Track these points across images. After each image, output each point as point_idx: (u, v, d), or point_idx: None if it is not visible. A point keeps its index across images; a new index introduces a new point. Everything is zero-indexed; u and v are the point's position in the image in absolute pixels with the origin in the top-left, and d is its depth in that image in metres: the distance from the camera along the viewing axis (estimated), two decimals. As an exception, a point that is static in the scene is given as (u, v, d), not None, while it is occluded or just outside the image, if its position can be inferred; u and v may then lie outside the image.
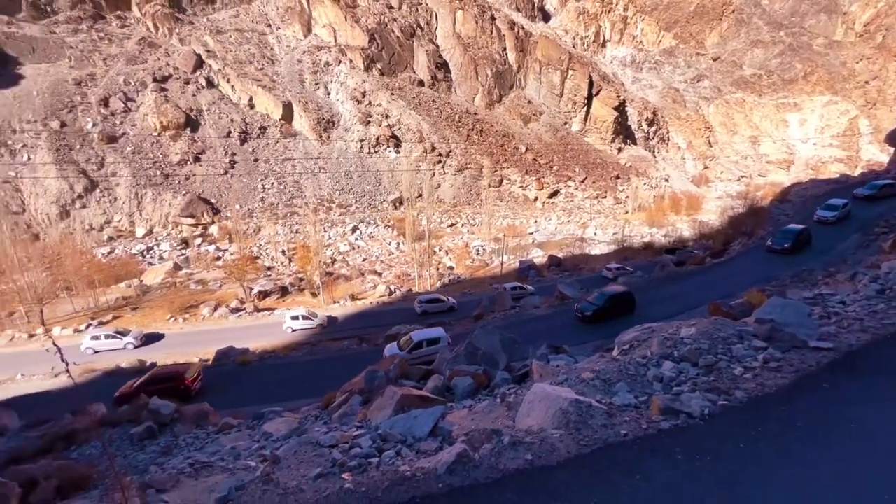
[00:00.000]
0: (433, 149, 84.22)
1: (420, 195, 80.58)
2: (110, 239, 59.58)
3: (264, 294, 38.67)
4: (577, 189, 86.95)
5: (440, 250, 55.98)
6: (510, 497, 3.06)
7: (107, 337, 28.84)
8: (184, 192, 66.64)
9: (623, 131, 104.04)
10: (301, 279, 41.33)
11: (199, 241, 61.07)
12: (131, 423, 11.57)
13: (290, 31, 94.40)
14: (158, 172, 67.04)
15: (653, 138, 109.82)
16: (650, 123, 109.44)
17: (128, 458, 9.70)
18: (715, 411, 4.49)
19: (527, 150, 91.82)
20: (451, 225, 72.84)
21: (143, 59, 77.86)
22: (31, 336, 30.32)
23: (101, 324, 32.46)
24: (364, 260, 58.45)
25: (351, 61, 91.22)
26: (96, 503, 5.48)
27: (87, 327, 31.62)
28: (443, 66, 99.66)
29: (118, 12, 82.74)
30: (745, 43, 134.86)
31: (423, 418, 5.03)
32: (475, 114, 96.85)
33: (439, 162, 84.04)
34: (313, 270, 38.67)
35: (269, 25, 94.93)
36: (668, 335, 7.15)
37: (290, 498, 3.62)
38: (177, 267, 46.72)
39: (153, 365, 24.28)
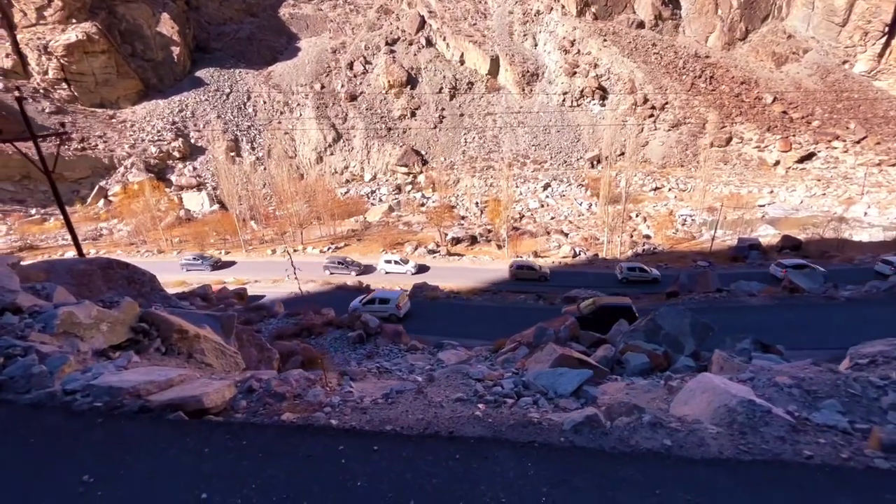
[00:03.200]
0: (645, 101, 74.82)
1: (622, 153, 73.73)
2: (347, 181, 73.28)
3: (456, 240, 42.50)
4: (846, 152, 65.79)
5: (637, 216, 50.76)
6: (632, 473, 2.86)
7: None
8: (401, 143, 76.24)
9: (949, 70, 72.35)
10: (489, 231, 43.77)
11: (409, 188, 69.88)
12: (349, 329, 14.97)
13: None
14: (383, 126, 78.00)
15: None
16: None
17: (343, 354, 12.68)
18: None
19: (774, 100, 73.13)
20: (656, 189, 64.85)
21: (379, 25, 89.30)
22: (294, 251, 41.20)
23: (337, 248, 41.84)
24: (552, 218, 57.70)
25: (563, 7, 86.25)
26: (314, 377, 7.45)
27: (328, 249, 41.42)
28: (671, 1, 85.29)
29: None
30: None
31: (568, 377, 4.98)
32: (706, 57, 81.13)
33: (651, 116, 74.43)
34: (501, 224, 40.39)
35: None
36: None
37: (432, 410, 4.21)
38: (390, 209, 55.11)
39: (367, 288, 30.02)
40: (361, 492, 2.91)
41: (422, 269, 37.05)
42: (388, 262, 37.15)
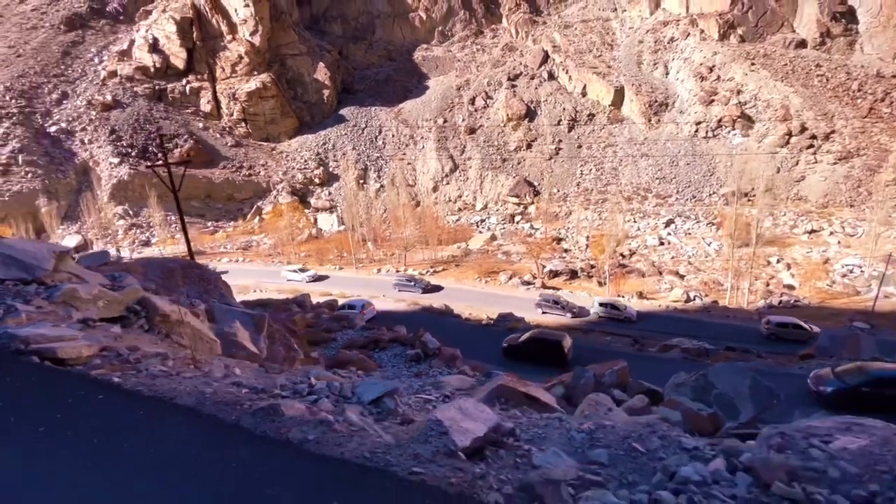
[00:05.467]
0: (803, 129, 64.51)
1: (769, 189, 63.94)
2: (459, 210, 76.20)
3: (554, 273, 41.04)
4: None
5: (779, 261, 43.07)
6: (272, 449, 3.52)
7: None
8: (514, 174, 77.08)
9: None
10: (592, 266, 41.29)
11: (518, 218, 69.92)
12: (410, 346, 15.63)
13: (636, 11, 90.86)
14: (498, 157, 79.90)
15: None
16: None
17: (396, 368, 13.30)
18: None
19: None
20: (812, 231, 54.73)
21: (503, 62, 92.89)
22: (397, 271, 44.20)
23: (435, 272, 43.88)
24: (673, 258, 52.26)
25: (702, 32, 79.99)
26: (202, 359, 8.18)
27: (427, 272, 43.75)
28: (844, 15, 73.24)
29: (493, 26, 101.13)
30: None
31: (375, 388, 4.99)
32: (893, 77, 67.26)
33: (810, 147, 63.76)
34: (605, 259, 37.86)
35: (615, 10, 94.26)
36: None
37: (211, 388, 4.87)
38: (493, 238, 55.72)
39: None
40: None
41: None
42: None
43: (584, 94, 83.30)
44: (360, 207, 62.48)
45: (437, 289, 40.07)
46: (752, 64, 72.74)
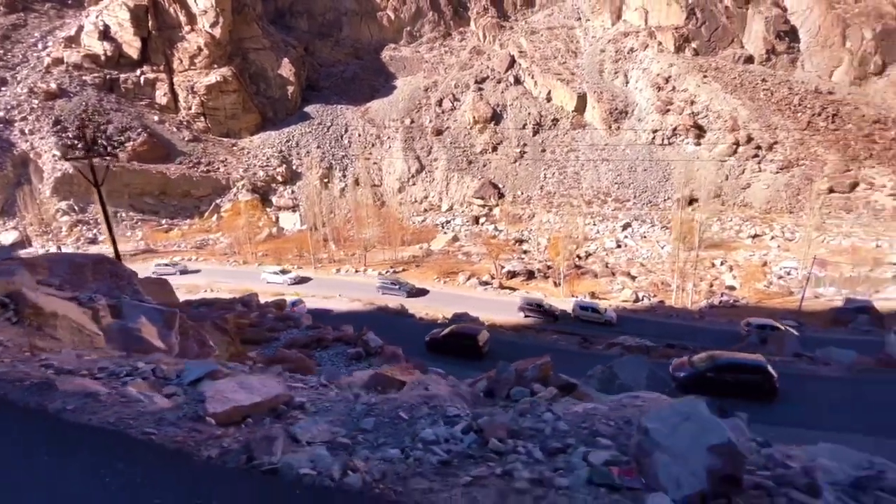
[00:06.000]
0: (749, 140, 68.35)
1: (718, 195, 67.48)
2: (425, 210, 76.28)
3: (512, 274, 41.84)
4: None
5: (723, 264, 45.56)
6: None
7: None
8: (480, 176, 77.88)
9: None
10: (549, 267, 42.38)
11: (483, 219, 70.71)
12: (352, 345, 15.66)
13: (599, 21, 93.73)
14: (464, 159, 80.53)
15: None
16: None
17: (336, 367, 13.32)
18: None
19: (918, 142, 62.26)
20: (755, 236, 58.03)
21: (470, 65, 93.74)
22: (356, 271, 43.84)
23: (395, 272, 43.78)
24: (629, 259, 54.24)
25: (660, 44, 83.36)
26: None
27: (386, 272, 43.65)
28: (787, 34, 78.15)
29: (461, 29, 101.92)
30: None
31: (195, 369, 5.20)
32: (829, 93, 72.32)
33: (755, 156, 67.63)
34: (561, 261, 38.94)
35: (580, 18, 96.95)
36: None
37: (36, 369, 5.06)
38: (455, 239, 56.15)
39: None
40: None
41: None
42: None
43: (548, 100, 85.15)
44: (324, 207, 61.58)
45: (423, 292, 39.01)
46: (705, 76, 76.48)
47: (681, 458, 2.90)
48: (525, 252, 50.85)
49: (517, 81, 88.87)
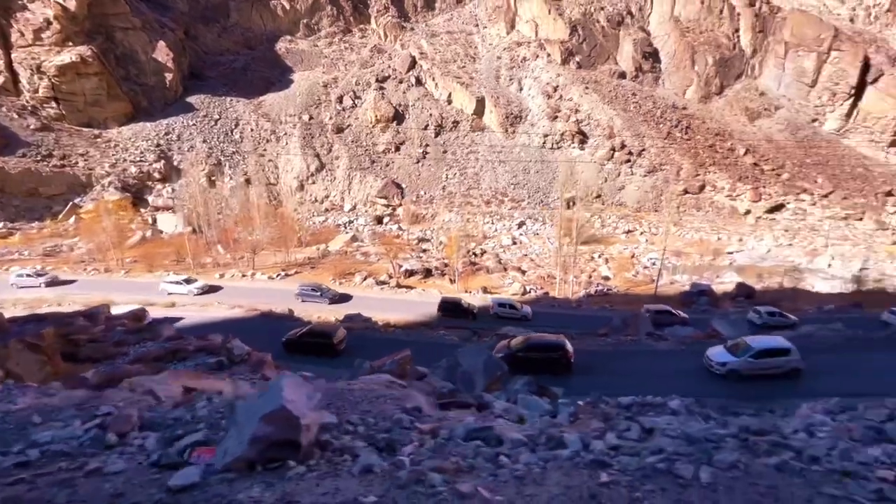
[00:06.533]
0: (623, 146, 76.81)
1: (598, 195, 74.97)
2: (327, 210, 73.73)
3: (410, 273, 42.40)
4: (814, 205, 67.07)
5: (599, 256, 50.96)
6: None
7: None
8: (383, 176, 77.37)
9: (914, 132, 74.84)
10: (446, 265, 43.74)
11: (387, 219, 70.39)
12: (215, 355, 14.67)
13: (495, 29, 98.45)
14: (367, 159, 79.40)
15: (972, 143, 75.81)
16: (971, 121, 75.66)
17: None
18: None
19: (747, 152, 75.24)
20: (629, 232, 65.51)
21: (371, 63, 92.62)
22: (243, 276, 40.96)
23: (287, 276, 41.70)
24: (525, 255, 57.93)
25: (548, 55, 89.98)
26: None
27: (277, 276, 41.26)
28: (651, 55, 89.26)
29: (361, 25, 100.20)
30: None
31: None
32: (683, 108, 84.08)
33: (628, 161, 76.21)
34: (457, 258, 40.43)
35: (477, 25, 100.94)
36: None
37: None
38: (354, 238, 55.13)
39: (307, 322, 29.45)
40: None
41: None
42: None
43: (449, 102, 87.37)
44: (211, 206, 56.46)
45: (346, 298, 36.74)
46: (587, 88, 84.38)
47: (238, 429, 3.12)
48: (424, 251, 51.71)
49: (419, 82, 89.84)
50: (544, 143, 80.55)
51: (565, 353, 18.57)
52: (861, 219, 64.00)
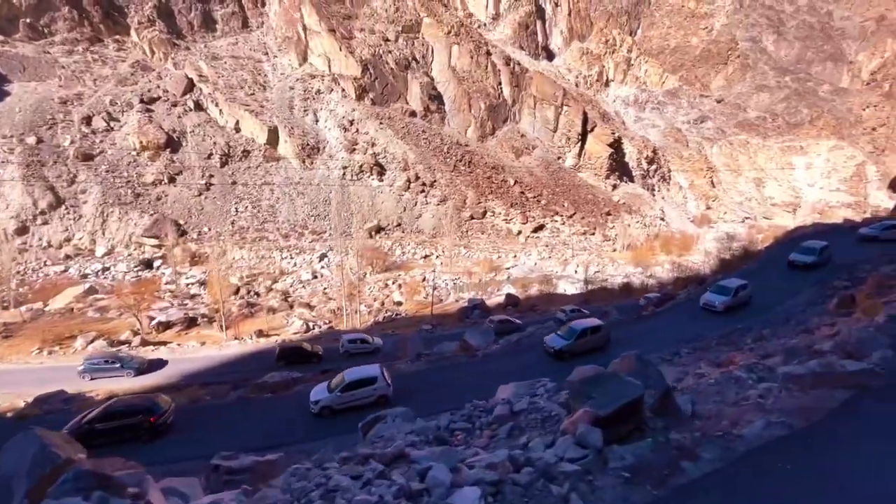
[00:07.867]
0: (417, 178, 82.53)
1: (399, 224, 78.45)
2: (67, 257, 58.03)
3: (166, 325, 35.57)
4: (564, 224, 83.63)
5: (392, 283, 52.72)
6: None
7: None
8: (152, 212, 65.51)
9: (619, 168, 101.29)
10: (217, 310, 38.30)
11: (158, 262, 59.26)
12: None
13: (287, 59, 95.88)
14: (130, 192, 66.29)
15: (652, 177, 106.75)
16: (650, 162, 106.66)
17: None
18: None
19: (515, 182, 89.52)
20: (426, 256, 69.86)
21: (133, 81, 79.09)
22: None
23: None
24: (325, 289, 55.65)
25: (343, 90, 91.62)
26: None
27: None
28: (436, 98, 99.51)
29: (116, 37, 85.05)
30: (750, 87, 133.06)
31: None
32: (466, 145, 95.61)
33: (423, 191, 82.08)
34: (223, 301, 35.72)
35: (267, 54, 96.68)
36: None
37: None
38: (91, 291, 43.81)
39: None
40: None
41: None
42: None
43: (237, 130, 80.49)
44: None
45: (160, 364, 28.94)
46: (381, 123, 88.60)
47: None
48: (192, 296, 44.64)
49: (199, 107, 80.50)
50: (344, 174, 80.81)
51: (146, 417, 16.85)
52: (594, 233, 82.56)
